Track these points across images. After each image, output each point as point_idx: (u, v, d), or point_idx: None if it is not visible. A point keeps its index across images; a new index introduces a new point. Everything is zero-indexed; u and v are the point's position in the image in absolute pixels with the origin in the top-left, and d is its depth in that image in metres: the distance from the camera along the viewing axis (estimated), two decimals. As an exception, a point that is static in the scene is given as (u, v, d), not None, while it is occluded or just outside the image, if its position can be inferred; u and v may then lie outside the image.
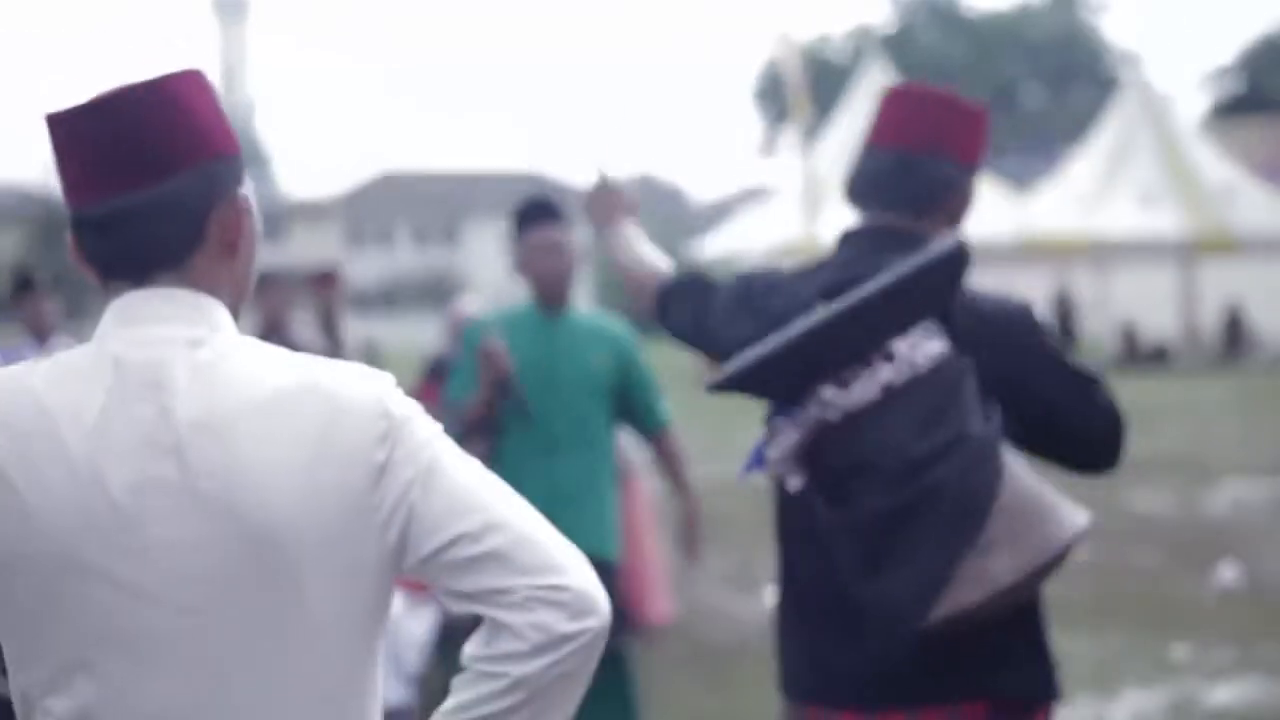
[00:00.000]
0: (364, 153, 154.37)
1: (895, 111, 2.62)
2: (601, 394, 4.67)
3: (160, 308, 1.65)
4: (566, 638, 1.58)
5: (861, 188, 2.62)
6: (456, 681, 1.63)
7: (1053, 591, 2.55)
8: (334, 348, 7.43)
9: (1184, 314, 28.00)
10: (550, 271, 4.65)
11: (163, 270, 1.66)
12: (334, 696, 1.62)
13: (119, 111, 1.63)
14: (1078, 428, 2.52)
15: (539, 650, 1.58)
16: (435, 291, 52.34)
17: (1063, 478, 2.65)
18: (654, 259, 2.87)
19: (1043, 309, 27.71)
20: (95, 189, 1.64)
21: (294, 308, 7.32)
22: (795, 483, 2.40)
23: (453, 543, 1.60)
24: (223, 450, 1.57)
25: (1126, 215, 25.50)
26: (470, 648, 1.62)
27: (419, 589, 4.98)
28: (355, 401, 1.62)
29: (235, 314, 1.71)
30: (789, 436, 2.38)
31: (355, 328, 7.67)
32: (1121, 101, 28.27)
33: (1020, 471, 2.34)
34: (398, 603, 5.72)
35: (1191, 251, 26.37)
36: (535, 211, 4.71)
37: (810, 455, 2.38)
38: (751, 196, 55.21)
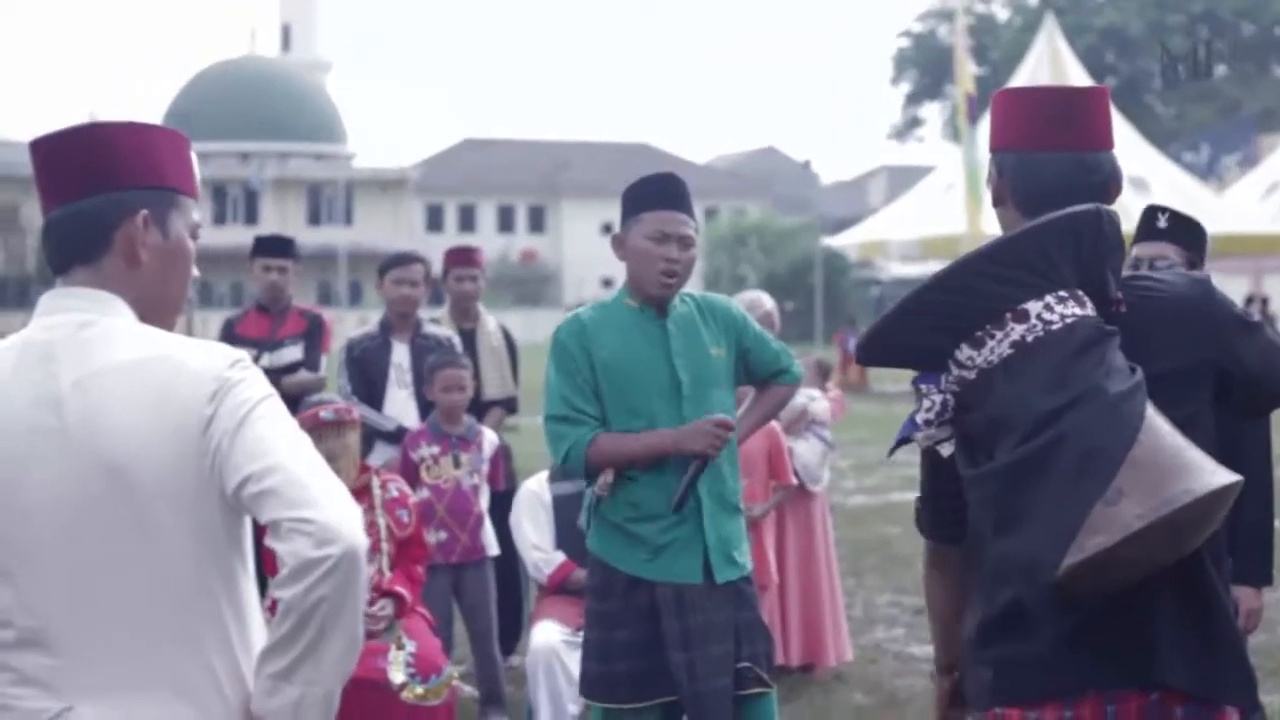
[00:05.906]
0: (444, 119, 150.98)
1: (1040, 112, 2.61)
2: (727, 384, 4.21)
3: (64, 301, 2.22)
4: (313, 563, 2.01)
5: (1041, 193, 2.57)
6: None
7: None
8: (470, 336, 6.87)
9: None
10: (675, 266, 4.07)
11: (79, 267, 2.23)
12: (181, 594, 2.13)
13: (58, 146, 2.25)
14: None
15: (295, 575, 2.02)
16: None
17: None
18: None
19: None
20: (44, 202, 2.28)
21: (425, 292, 6.70)
22: (947, 449, 2.50)
23: (244, 481, 2.08)
24: (90, 403, 2.12)
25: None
26: None
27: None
28: (194, 368, 2.14)
29: (149, 308, 2.25)
30: (934, 399, 2.48)
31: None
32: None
33: (1163, 428, 2.33)
34: (559, 642, 5.46)
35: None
36: (663, 192, 4.10)
37: (956, 419, 2.47)
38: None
